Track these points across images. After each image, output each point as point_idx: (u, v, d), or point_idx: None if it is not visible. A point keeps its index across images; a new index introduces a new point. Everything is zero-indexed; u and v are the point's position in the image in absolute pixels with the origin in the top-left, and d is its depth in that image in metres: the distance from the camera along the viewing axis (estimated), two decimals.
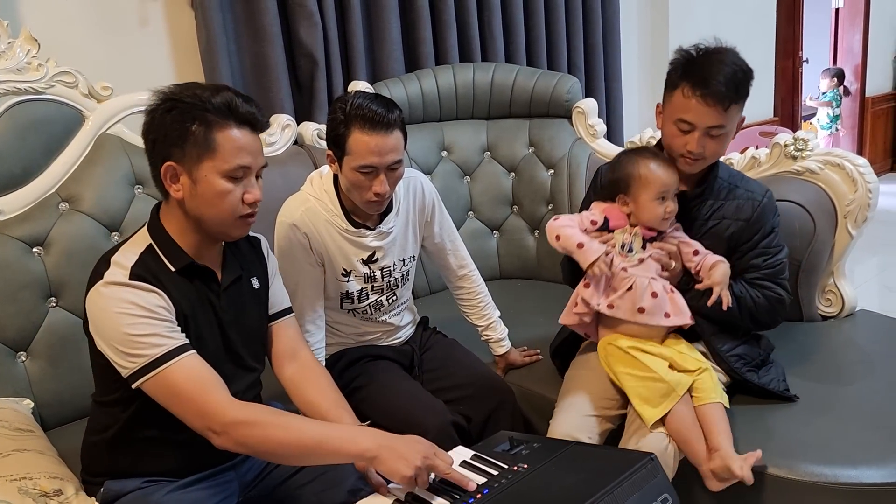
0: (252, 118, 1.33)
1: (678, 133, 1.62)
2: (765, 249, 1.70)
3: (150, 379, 1.25)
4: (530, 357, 2.06)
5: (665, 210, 1.63)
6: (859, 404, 1.68)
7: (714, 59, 1.58)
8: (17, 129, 1.88)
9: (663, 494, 1.21)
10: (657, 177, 1.62)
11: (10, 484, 1.32)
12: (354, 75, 2.67)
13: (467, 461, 1.37)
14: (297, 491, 1.47)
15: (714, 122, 1.57)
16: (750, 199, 1.70)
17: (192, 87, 1.32)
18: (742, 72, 1.58)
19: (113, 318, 1.25)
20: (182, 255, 1.36)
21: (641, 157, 1.65)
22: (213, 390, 1.27)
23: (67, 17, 2.21)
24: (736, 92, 1.56)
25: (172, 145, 1.29)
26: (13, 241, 1.82)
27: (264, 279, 1.53)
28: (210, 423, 1.26)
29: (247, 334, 1.47)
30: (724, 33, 4.37)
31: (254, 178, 1.36)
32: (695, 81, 1.56)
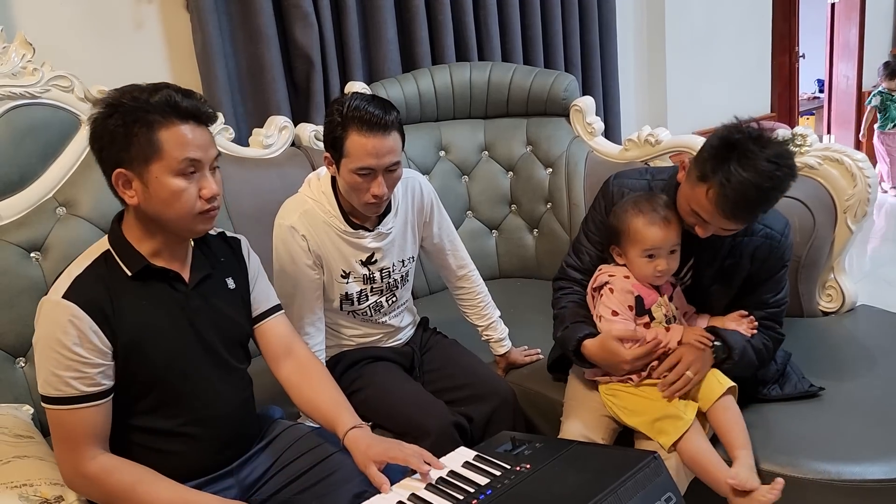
0: (195, 111, 1.30)
1: (692, 215, 1.53)
2: (774, 285, 1.66)
3: (47, 408, 1.31)
4: (531, 356, 2.05)
5: (655, 268, 1.59)
6: (861, 400, 1.68)
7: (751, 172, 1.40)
8: (13, 133, 1.86)
9: (667, 493, 1.21)
10: (645, 235, 1.58)
11: (11, 491, 1.31)
12: (351, 76, 2.66)
13: (470, 462, 1.37)
14: (300, 495, 1.46)
15: (731, 229, 1.52)
16: (768, 236, 1.62)
17: (130, 90, 1.29)
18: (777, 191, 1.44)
19: (41, 344, 1.28)
20: (138, 258, 1.34)
21: (635, 210, 1.60)
22: (85, 442, 1.31)
23: (62, 22, 2.20)
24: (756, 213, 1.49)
25: (119, 151, 1.27)
26: (11, 247, 1.81)
27: (242, 279, 1.52)
28: (65, 467, 1.32)
29: (224, 334, 1.45)
30: (720, 29, 4.40)
31: (207, 171, 1.33)
32: (723, 196, 1.42)
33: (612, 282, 1.65)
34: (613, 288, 1.64)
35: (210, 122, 1.35)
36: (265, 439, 1.55)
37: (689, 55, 4.05)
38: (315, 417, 1.52)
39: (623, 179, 1.75)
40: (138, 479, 1.33)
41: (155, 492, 1.33)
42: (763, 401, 1.68)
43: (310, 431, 1.57)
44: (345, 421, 1.44)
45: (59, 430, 1.31)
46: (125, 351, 1.32)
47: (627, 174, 1.77)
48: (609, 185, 1.76)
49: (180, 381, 1.39)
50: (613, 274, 1.66)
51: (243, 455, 1.50)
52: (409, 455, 1.34)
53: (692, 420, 1.53)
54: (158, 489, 1.33)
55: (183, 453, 1.41)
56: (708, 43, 4.14)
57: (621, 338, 1.58)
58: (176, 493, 1.34)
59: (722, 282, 1.65)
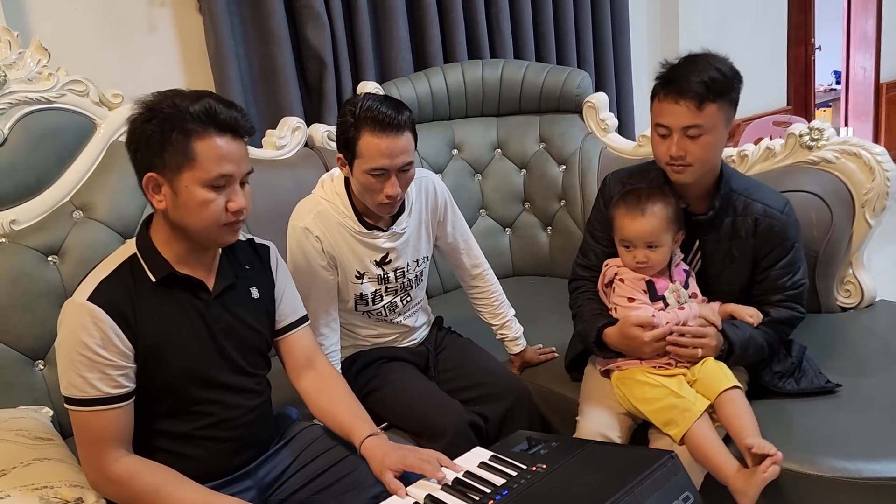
0: (234, 124, 1.30)
1: (659, 140, 1.58)
2: (787, 269, 1.65)
3: (71, 410, 1.32)
4: (546, 355, 2.05)
5: (633, 259, 1.62)
6: (881, 396, 1.66)
7: (690, 63, 1.54)
8: (29, 138, 1.88)
9: (685, 492, 1.21)
10: (619, 225, 1.63)
11: (32, 493, 1.32)
12: (363, 76, 2.66)
13: (486, 462, 1.37)
14: (318, 495, 1.46)
15: (689, 121, 1.51)
16: (767, 214, 1.64)
17: (171, 95, 1.30)
18: (720, 72, 1.52)
19: (65, 346, 1.30)
20: (164, 265, 1.35)
21: (620, 199, 1.64)
22: (109, 444, 1.32)
23: (77, 26, 2.22)
24: (710, 90, 1.50)
25: (153, 155, 1.28)
26: (29, 251, 1.83)
27: (268, 289, 1.52)
28: (89, 470, 1.34)
29: (243, 343, 1.46)
30: (734, 22, 4.35)
31: (238, 185, 1.33)
32: (669, 84, 1.54)
33: (621, 272, 1.68)
34: (624, 278, 1.66)
35: (248, 136, 1.35)
36: (282, 440, 1.56)
37: (702, 48, 4.01)
38: (332, 427, 1.52)
39: (620, 175, 1.78)
40: (162, 482, 1.34)
41: (179, 494, 1.34)
42: (779, 395, 1.66)
43: (324, 433, 1.57)
44: (361, 430, 1.45)
45: (83, 432, 1.32)
46: (145, 355, 1.34)
47: (625, 170, 1.80)
48: (607, 182, 1.79)
49: (197, 387, 1.40)
50: (621, 265, 1.69)
51: (260, 457, 1.51)
52: (424, 461, 1.34)
53: (701, 411, 1.52)
54: (182, 492, 1.34)
55: (200, 457, 1.42)
56: (722, 36, 4.11)
57: (639, 324, 1.59)
58: (198, 495, 1.35)
59: (731, 263, 1.66)
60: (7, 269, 1.79)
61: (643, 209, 1.59)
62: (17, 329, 1.77)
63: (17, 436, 1.49)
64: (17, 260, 1.81)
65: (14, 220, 1.85)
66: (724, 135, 1.58)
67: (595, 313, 1.71)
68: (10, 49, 1.87)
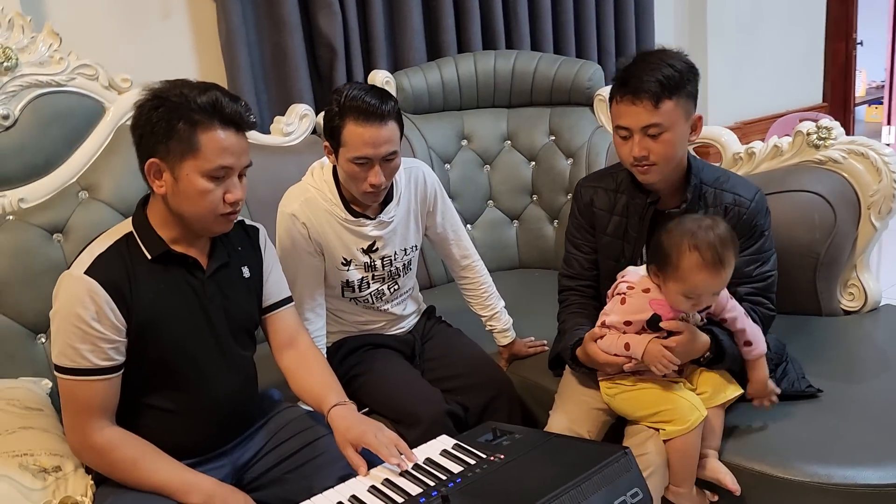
0: (237, 118, 1.35)
1: (621, 142, 1.57)
2: (756, 256, 1.63)
3: (60, 378, 1.37)
4: (535, 348, 2.05)
5: (693, 306, 1.49)
6: (864, 403, 1.63)
7: (642, 62, 1.53)
8: (39, 120, 1.95)
9: (634, 488, 1.21)
10: (693, 279, 1.43)
11: (13, 459, 1.39)
12: (375, 64, 2.68)
13: (448, 450, 1.39)
14: (289, 474, 1.50)
15: (647, 120, 1.50)
16: (737, 202, 1.62)
17: (179, 85, 1.34)
18: (674, 68, 1.50)
19: (60, 316, 1.34)
20: (160, 243, 1.40)
21: (692, 244, 1.43)
22: (94, 414, 1.37)
23: (92, 12, 2.28)
24: (664, 88, 1.48)
25: (157, 142, 1.33)
26: (34, 228, 1.90)
27: (257, 269, 1.56)
28: (72, 437, 1.39)
29: (234, 322, 1.50)
30: (767, 14, 4.22)
31: (236, 177, 1.38)
32: (624, 86, 1.53)
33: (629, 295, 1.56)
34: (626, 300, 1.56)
35: (250, 129, 1.40)
36: (260, 420, 1.60)
37: (732, 41, 3.93)
38: (306, 399, 1.56)
39: (590, 181, 1.79)
40: (140, 455, 1.39)
41: (154, 469, 1.39)
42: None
43: (304, 413, 1.62)
44: (329, 399, 1.49)
45: (69, 400, 1.37)
46: (138, 330, 1.38)
47: (594, 176, 1.82)
48: (579, 189, 1.79)
49: (186, 364, 1.45)
50: (633, 286, 1.57)
51: (240, 436, 1.56)
52: (382, 443, 1.37)
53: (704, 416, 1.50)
54: (158, 467, 1.39)
55: (183, 432, 1.47)
56: (753, 28, 4.01)
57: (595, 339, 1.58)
58: (174, 471, 1.40)
59: None
60: (13, 246, 1.86)
61: (723, 260, 1.43)
62: (21, 303, 1.85)
63: (7, 405, 1.56)
64: (24, 237, 1.88)
65: (22, 199, 1.92)
66: (685, 129, 1.56)
67: (576, 328, 1.70)
68: (23, 33, 1.93)
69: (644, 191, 1.65)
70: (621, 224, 1.70)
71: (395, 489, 1.28)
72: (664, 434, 1.51)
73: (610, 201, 1.71)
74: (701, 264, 1.42)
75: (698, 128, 1.60)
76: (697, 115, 1.58)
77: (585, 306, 1.78)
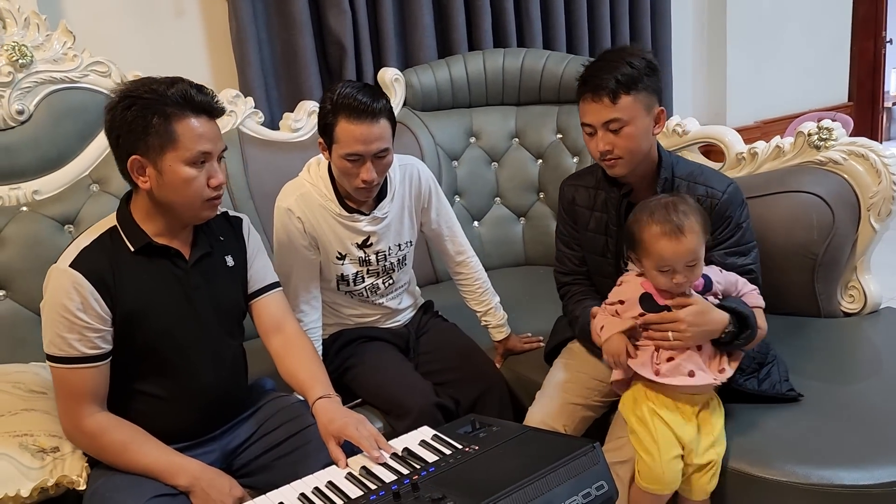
0: (208, 106, 1.41)
1: (588, 139, 1.63)
2: (734, 248, 1.64)
3: (51, 366, 1.44)
4: (530, 344, 2.07)
5: (673, 281, 1.48)
6: (850, 405, 1.62)
7: (602, 61, 1.59)
8: (53, 115, 2.03)
9: (600, 481, 1.23)
10: (656, 250, 1.47)
11: (13, 439, 1.46)
12: (385, 62, 2.72)
13: (426, 440, 1.42)
14: (277, 461, 1.56)
15: (606, 116, 1.56)
16: (709, 194, 1.63)
17: (147, 82, 1.40)
18: (630, 64, 1.55)
19: (48, 307, 1.41)
20: (142, 235, 1.46)
21: (648, 217, 1.48)
22: (84, 400, 1.43)
23: (106, 10, 2.35)
24: (621, 84, 1.53)
25: (136, 140, 1.38)
26: (47, 220, 1.99)
27: (241, 257, 1.61)
28: (65, 422, 1.46)
29: (220, 310, 1.55)
30: (791, 11, 4.15)
31: (215, 162, 1.44)
32: (585, 84, 1.59)
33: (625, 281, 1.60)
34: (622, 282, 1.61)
35: (219, 116, 1.46)
36: (251, 409, 1.65)
37: (753, 39, 3.88)
38: (294, 387, 1.61)
39: (573, 177, 1.84)
40: (130, 440, 1.45)
41: (143, 452, 1.45)
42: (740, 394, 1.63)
43: (294, 403, 1.66)
44: (315, 391, 1.53)
45: (61, 387, 1.45)
46: (123, 319, 1.44)
47: (577, 174, 1.85)
48: (562, 188, 1.83)
49: (173, 352, 1.50)
50: (630, 271, 1.62)
51: (229, 423, 1.61)
52: (362, 437, 1.40)
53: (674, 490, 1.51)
54: (147, 450, 1.45)
55: (172, 418, 1.52)
56: (776, 26, 3.96)
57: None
58: (162, 454, 1.46)
59: None
60: (26, 236, 1.95)
61: (679, 225, 1.45)
62: (32, 291, 1.93)
63: (13, 387, 1.64)
64: (36, 227, 1.97)
65: (36, 191, 2.01)
66: (647, 122, 1.60)
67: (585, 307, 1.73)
68: (39, 31, 2.02)
69: (618, 184, 1.69)
70: (602, 219, 1.73)
71: (371, 477, 1.32)
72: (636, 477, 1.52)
73: (590, 198, 1.75)
74: (659, 233, 1.46)
75: (661, 121, 1.63)
76: (660, 108, 1.62)
77: (588, 293, 1.82)
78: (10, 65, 1.96)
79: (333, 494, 1.28)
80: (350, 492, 1.28)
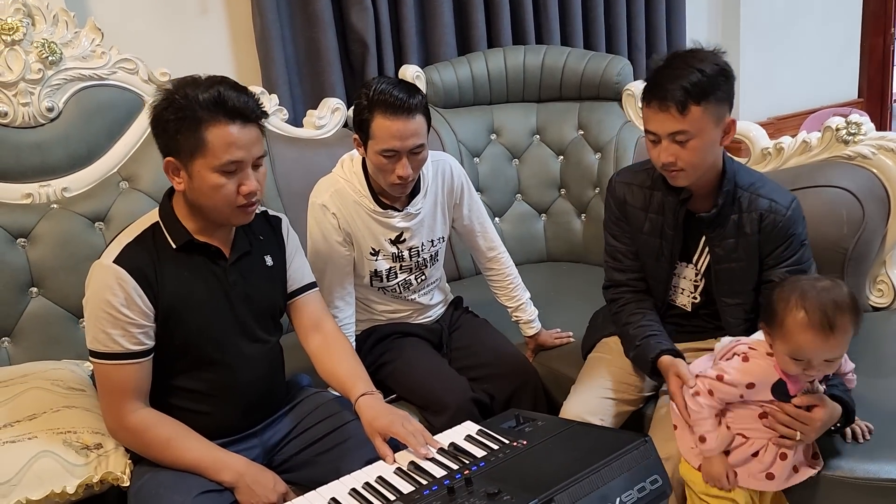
0: (244, 110, 1.36)
1: (651, 146, 1.55)
2: (797, 266, 1.59)
3: (94, 363, 1.44)
4: (561, 339, 2.08)
5: (805, 373, 1.37)
6: (890, 399, 1.62)
7: (672, 65, 1.49)
8: (82, 112, 2.03)
9: (653, 475, 1.23)
10: (798, 340, 1.33)
11: (57, 436, 1.47)
12: (406, 59, 2.72)
13: (472, 435, 1.43)
14: (318, 457, 1.56)
15: (673, 128, 1.47)
16: (773, 210, 1.58)
17: (185, 84, 1.37)
18: (702, 73, 1.45)
19: (91, 303, 1.42)
20: (184, 233, 1.45)
21: (800, 302, 1.33)
22: (128, 396, 1.43)
23: (133, 7, 2.35)
24: (690, 95, 1.44)
25: (169, 141, 1.38)
26: (77, 217, 1.98)
27: (280, 257, 1.61)
28: (109, 418, 1.46)
29: (257, 308, 1.55)
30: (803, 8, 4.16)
31: (249, 169, 1.40)
32: (651, 91, 1.50)
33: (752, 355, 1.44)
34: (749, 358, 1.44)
35: (259, 119, 1.41)
36: (289, 405, 1.66)
37: (765, 36, 3.89)
38: (334, 386, 1.61)
39: (625, 177, 1.75)
40: (173, 435, 1.45)
41: (186, 448, 1.45)
42: None
43: (332, 399, 1.66)
44: (357, 388, 1.53)
45: (105, 383, 1.44)
46: (164, 315, 1.44)
47: (629, 170, 1.78)
48: (612, 182, 1.77)
49: (212, 348, 1.50)
50: (755, 347, 1.46)
51: (268, 419, 1.61)
52: (409, 433, 1.41)
53: None
54: (190, 446, 1.46)
55: (212, 414, 1.53)
56: (788, 23, 3.96)
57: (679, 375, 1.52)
58: (206, 450, 1.46)
59: (739, 261, 1.61)
60: (57, 233, 1.95)
61: (833, 323, 1.31)
62: (64, 289, 1.93)
63: (52, 385, 1.64)
64: (67, 225, 1.97)
65: (66, 188, 2.01)
66: (716, 134, 1.52)
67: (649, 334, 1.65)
68: (67, 29, 2.01)
69: (676, 189, 1.62)
70: (657, 222, 1.67)
71: (421, 472, 1.32)
72: None
73: (645, 199, 1.69)
74: (807, 323, 1.31)
75: (731, 131, 1.56)
76: (731, 118, 1.54)
77: (643, 304, 1.73)
78: (40, 62, 1.95)
79: (385, 489, 1.28)
80: (401, 487, 1.28)
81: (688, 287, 1.72)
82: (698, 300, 1.73)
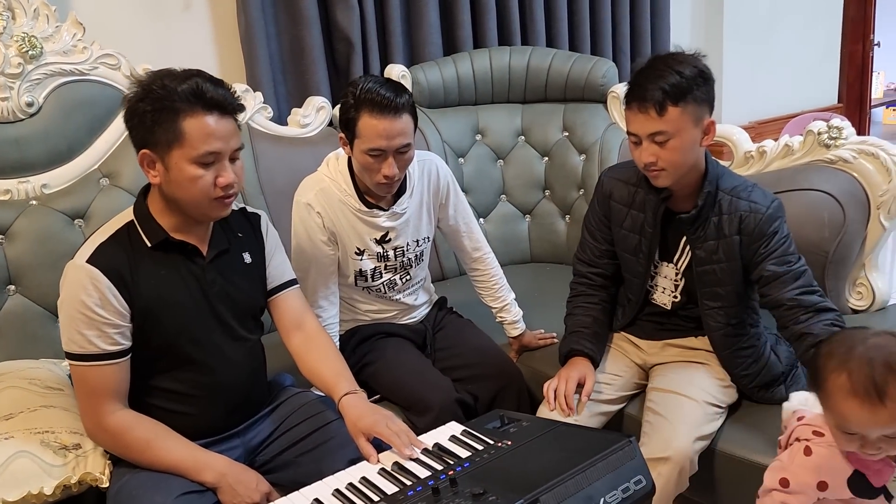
0: (221, 102, 1.36)
1: (633, 147, 1.59)
2: (785, 256, 1.59)
3: (71, 364, 1.42)
4: (545, 340, 2.08)
5: (861, 449, 1.14)
6: None
7: (652, 67, 1.52)
8: (62, 108, 2.00)
9: (637, 476, 1.23)
10: (840, 409, 1.12)
11: (35, 436, 1.44)
12: (392, 58, 2.71)
13: (456, 436, 1.42)
14: (300, 458, 1.54)
15: (652, 128, 1.51)
16: (753, 210, 1.59)
17: (162, 76, 1.36)
18: (681, 75, 1.48)
19: (66, 304, 1.39)
20: (159, 231, 1.43)
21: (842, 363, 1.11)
22: (106, 398, 1.41)
23: (115, 2, 2.32)
24: (668, 96, 1.47)
25: (146, 133, 1.36)
26: (56, 214, 1.96)
27: (259, 254, 1.59)
28: (87, 420, 1.44)
29: (237, 306, 1.53)
30: (786, 15, 4.21)
31: (226, 161, 1.39)
32: (632, 92, 1.54)
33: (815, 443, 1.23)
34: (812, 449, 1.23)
35: (237, 112, 1.41)
36: (272, 405, 1.64)
37: (748, 42, 3.92)
38: (317, 384, 1.60)
39: (615, 170, 1.79)
40: (153, 436, 1.43)
41: (167, 448, 1.43)
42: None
43: (314, 399, 1.65)
44: (341, 387, 1.52)
45: (82, 385, 1.42)
46: (141, 315, 1.42)
47: (620, 166, 1.80)
48: (601, 179, 1.79)
49: (191, 348, 1.48)
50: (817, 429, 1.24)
51: (250, 419, 1.59)
52: (393, 433, 1.40)
53: None
54: (170, 446, 1.44)
55: (193, 414, 1.50)
56: (771, 29, 4.00)
57: None
58: (187, 451, 1.45)
59: (719, 262, 1.63)
60: (36, 230, 1.92)
61: (883, 392, 1.07)
62: (42, 287, 1.90)
63: (29, 384, 1.61)
64: (46, 222, 1.94)
65: (45, 185, 1.98)
66: (695, 135, 1.54)
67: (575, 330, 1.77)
68: (48, 23, 1.98)
69: (659, 188, 1.64)
70: (638, 219, 1.70)
71: (405, 472, 1.31)
72: None
73: (629, 195, 1.72)
74: (849, 390, 1.09)
75: (711, 132, 1.58)
76: (710, 119, 1.56)
77: (593, 299, 1.81)
78: (20, 56, 1.92)
79: (369, 490, 1.28)
80: (385, 488, 1.27)
81: (668, 286, 1.74)
82: (678, 299, 1.74)
